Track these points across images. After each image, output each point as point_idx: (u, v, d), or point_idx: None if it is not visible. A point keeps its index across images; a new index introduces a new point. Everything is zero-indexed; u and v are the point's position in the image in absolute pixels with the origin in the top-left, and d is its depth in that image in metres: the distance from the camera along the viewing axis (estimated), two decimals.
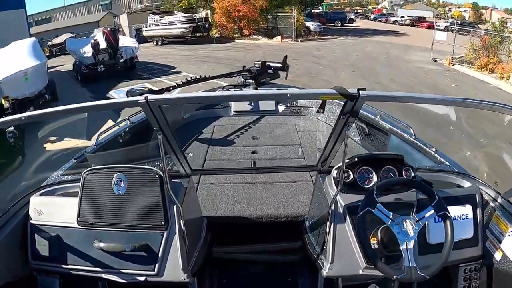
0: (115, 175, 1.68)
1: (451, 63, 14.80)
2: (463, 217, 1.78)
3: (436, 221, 1.66)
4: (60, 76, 14.73)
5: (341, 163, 1.73)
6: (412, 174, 1.82)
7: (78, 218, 1.69)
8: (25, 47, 8.37)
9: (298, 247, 2.31)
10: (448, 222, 1.59)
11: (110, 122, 7.13)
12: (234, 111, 3.83)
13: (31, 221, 1.76)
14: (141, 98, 1.45)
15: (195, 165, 2.44)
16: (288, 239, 2.38)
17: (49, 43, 29.25)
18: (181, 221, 1.65)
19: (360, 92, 1.44)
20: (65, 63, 14.43)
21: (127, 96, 2.78)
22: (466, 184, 1.96)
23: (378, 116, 2.95)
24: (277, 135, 3.47)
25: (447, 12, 57.61)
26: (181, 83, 3.51)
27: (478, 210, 1.81)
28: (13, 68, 7.75)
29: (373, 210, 1.59)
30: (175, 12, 27.36)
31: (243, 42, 25.27)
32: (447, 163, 2.31)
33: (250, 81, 3.95)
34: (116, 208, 1.67)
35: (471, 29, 16.96)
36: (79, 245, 1.69)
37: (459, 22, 18.63)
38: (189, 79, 3.61)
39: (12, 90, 7.71)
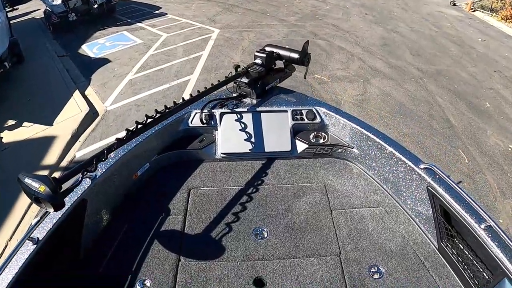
0: None
1: (472, 9, 12.99)
2: None
3: None
4: (33, 25, 12.55)
5: None
6: None
7: None
8: None
9: None
10: None
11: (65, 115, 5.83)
12: (222, 154, 2.40)
13: None
14: None
15: None
16: None
17: None
18: None
19: None
20: (43, 7, 12.37)
21: (20, 184, 1.46)
22: None
23: (484, 226, 1.52)
24: (297, 224, 1.97)
25: None
26: (116, 142, 1.62)
27: None
28: None
29: None
30: None
31: None
32: None
33: (249, 89, 2.52)
34: None
35: None
36: None
37: None
38: (131, 128, 1.70)
39: None
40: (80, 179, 1.46)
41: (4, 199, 4.12)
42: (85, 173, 1.47)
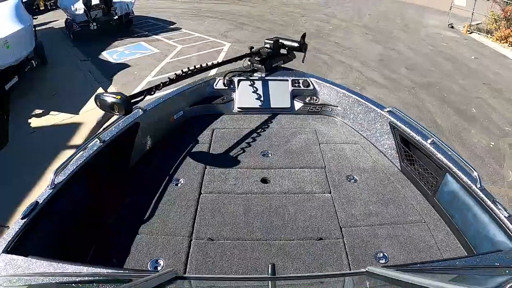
0: None
1: (469, 31, 13.79)
2: None
3: None
4: (52, 34, 13.59)
5: None
6: None
7: None
8: (6, 10, 7.43)
9: None
10: None
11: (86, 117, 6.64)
12: (238, 108, 3.18)
13: None
14: None
15: (186, 206, 2.05)
16: None
17: None
18: None
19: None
20: (60, 18, 13.28)
21: (95, 102, 2.10)
22: None
23: (430, 141, 2.14)
24: (293, 150, 2.69)
25: None
26: (169, 80, 2.50)
27: None
28: None
29: None
30: None
31: None
32: None
33: (259, 66, 3.33)
34: None
35: None
36: None
37: None
38: (178, 73, 2.59)
39: None
40: (143, 97, 2.11)
41: (40, 170, 4.73)
42: (146, 95, 2.14)
